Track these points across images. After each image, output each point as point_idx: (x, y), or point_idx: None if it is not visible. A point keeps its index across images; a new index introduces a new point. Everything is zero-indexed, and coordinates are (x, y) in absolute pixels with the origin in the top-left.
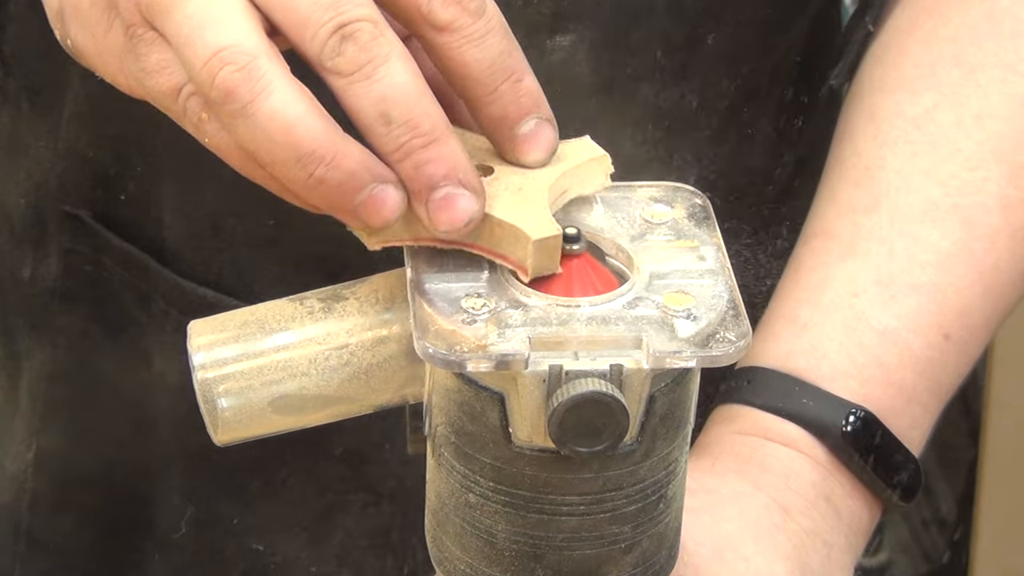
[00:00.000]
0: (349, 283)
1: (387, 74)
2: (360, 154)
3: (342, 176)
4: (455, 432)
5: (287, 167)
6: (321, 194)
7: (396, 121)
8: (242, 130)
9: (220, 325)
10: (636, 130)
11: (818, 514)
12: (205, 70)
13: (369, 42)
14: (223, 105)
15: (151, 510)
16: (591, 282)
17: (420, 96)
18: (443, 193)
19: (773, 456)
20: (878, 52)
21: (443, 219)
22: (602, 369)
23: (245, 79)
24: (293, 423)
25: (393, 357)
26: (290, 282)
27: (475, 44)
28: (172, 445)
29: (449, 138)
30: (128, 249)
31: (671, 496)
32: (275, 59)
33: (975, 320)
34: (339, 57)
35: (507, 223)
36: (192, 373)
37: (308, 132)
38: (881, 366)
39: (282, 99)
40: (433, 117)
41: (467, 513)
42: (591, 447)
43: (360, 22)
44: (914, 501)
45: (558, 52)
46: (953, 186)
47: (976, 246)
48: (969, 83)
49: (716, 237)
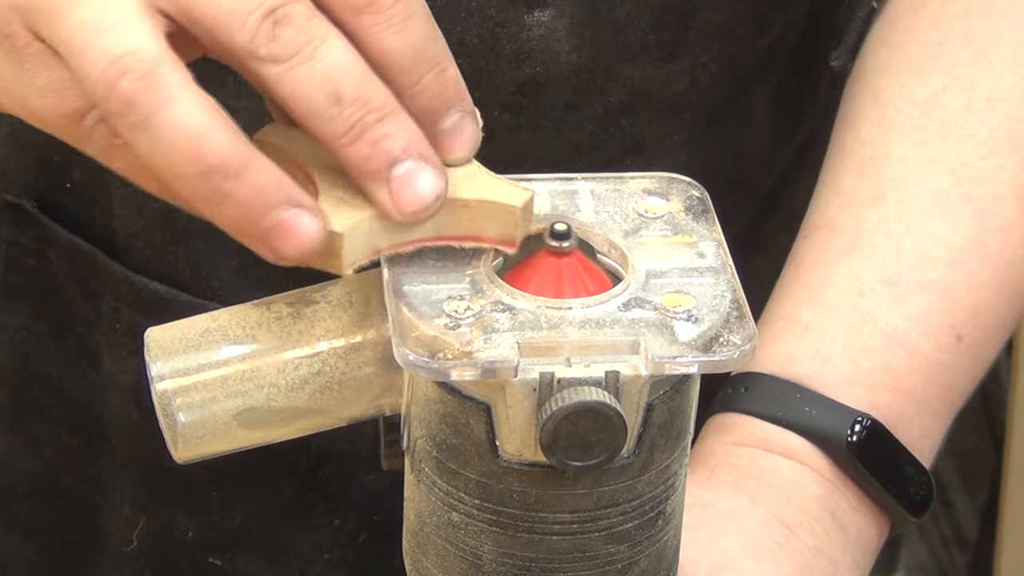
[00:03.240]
0: (320, 285)
1: (329, 53)
2: (272, 172)
3: (250, 192)
4: (437, 446)
5: (191, 182)
6: (227, 211)
7: (347, 99)
8: (143, 143)
9: (180, 332)
10: (620, 114)
11: (822, 530)
12: (102, 80)
13: (305, 23)
14: (123, 117)
15: (100, 521)
16: (582, 282)
17: (367, 71)
18: (405, 168)
19: (773, 468)
20: (883, 31)
21: (408, 198)
22: (597, 376)
23: (146, 88)
24: (260, 438)
25: (368, 365)
26: (250, 275)
27: (397, 28)
28: (123, 452)
29: (400, 111)
30: (75, 241)
31: (670, 512)
32: (178, 66)
33: (989, 320)
34: (274, 42)
35: (477, 200)
36: (150, 384)
37: (214, 144)
38: (889, 371)
39: (186, 109)
40: (381, 91)
41: (450, 533)
42: (585, 461)
43: (291, 4)
44: (925, 517)
45: (536, 28)
46: (964, 175)
47: (990, 240)
48: (981, 63)
49: (716, 232)
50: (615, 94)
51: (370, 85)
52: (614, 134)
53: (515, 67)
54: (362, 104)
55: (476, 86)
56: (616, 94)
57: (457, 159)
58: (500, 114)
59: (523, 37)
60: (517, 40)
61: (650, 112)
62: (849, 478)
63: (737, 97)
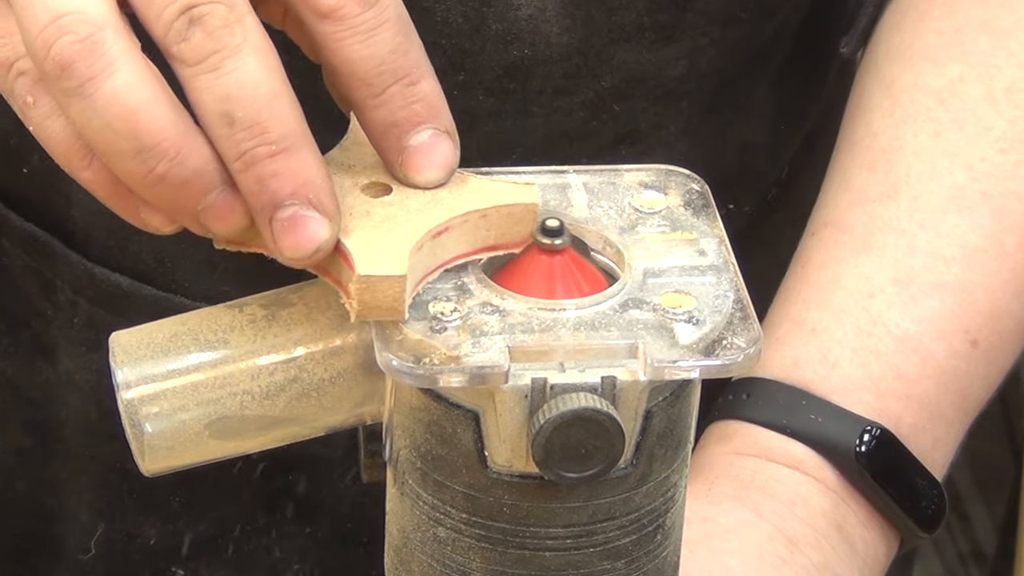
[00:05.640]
0: (296, 286)
1: (235, 68)
2: (211, 151)
3: (187, 174)
4: (422, 457)
5: (124, 159)
6: (160, 193)
7: (240, 124)
8: (76, 112)
9: (147, 336)
10: (613, 100)
11: (829, 546)
12: (40, 38)
13: (219, 28)
14: (57, 81)
15: (56, 528)
16: (576, 282)
17: (273, 97)
18: (289, 213)
19: (777, 480)
20: (896, 15)
21: (288, 243)
22: (592, 382)
23: (85, 52)
24: (233, 449)
25: (348, 371)
26: (217, 266)
27: (362, 38)
28: (81, 453)
29: (302, 149)
30: (31, 230)
31: (669, 526)
32: (123, 33)
33: (1007, 324)
34: (184, 43)
35: (494, 208)
36: (116, 393)
37: (153, 121)
38: (900, 377)
39: (126, 79)
40: (286, 123)
41: (436, 549)
42: (581, 472)
43: (212, 4)
44: (937, 532)
45: (524, 8)
46: (982, 170)
47: (1008, 239)
48: (1000, 51)
49: (718, 228)
50: (608, 79)
51: (271, 113)
52: (606, 121)
53: (501, 49)
54: (255, 134)
55: (460, 69)
56: (609, 79)
57: (428, 181)
58: (485, 99)
59: (510, 17)
60: (504, 20)
61: (645, 99)
62: (857, 491)
63: (738, 84)
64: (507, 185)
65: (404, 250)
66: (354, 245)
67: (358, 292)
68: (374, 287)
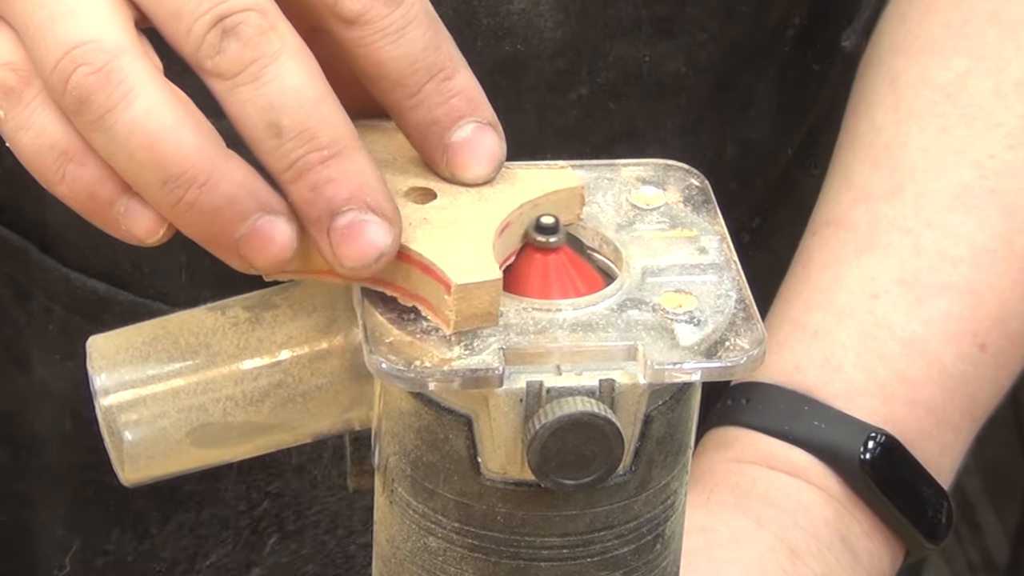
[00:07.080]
0: (280, 287)
1: (277, 75)
2: (244, 176)
3: (219, 201)
4: (412, 463)
5: (152, 189)
6: (193, 221)
7: (288, 132)
8: (100, 145)
9: (126, 341)
10: (609, 97)
11: (832, 557)
12: (56, 73)
13: (255, 37)
14: (77, 116)
15: (30, 543)
16: (572, 281)
17: (319, 102)
18: (347, 220)
19: (779, 488)
20: (900, 6)
21: (348, 253)
22: (590, 385)
23: (102, 83)
24: (216, 457)
25: (335, 375)
26: (196, 272)
27: (392, 39)
28: (55, 466)
29: (355, 152)
30: (4, 234)
31: (669, 535)
32: (142, 58)
33: (1015, 327)
34: (219, 56)
35: (544, 196)
36: (94, 399)
37: (177, 148)
38: (905, 381)
39: (146, 107)
40: (335, 127)
41: (426, 560)
42: (578, 479)
43: (245, 12)
44: (943, 543)
45: (516, 2)
46: (990, 167)
47: (1017, 239)
48: (1009, 44)
49: (719, 225)
50: (603, 75)
51: (319, 117)
52: (602, 119)
53: (493, 44)
54: (305, 140)
55: None
56: (604, 75)
57: (476, 177)
58: None
59: (502, 11)
60: (496, 14)
61: (642, 95)
62: (861, 499)
63: (738, 80)
64: (545, 171)
65: (486, 253)
66: (434, 255)
67: (457, 303)
68: (471, 295)
